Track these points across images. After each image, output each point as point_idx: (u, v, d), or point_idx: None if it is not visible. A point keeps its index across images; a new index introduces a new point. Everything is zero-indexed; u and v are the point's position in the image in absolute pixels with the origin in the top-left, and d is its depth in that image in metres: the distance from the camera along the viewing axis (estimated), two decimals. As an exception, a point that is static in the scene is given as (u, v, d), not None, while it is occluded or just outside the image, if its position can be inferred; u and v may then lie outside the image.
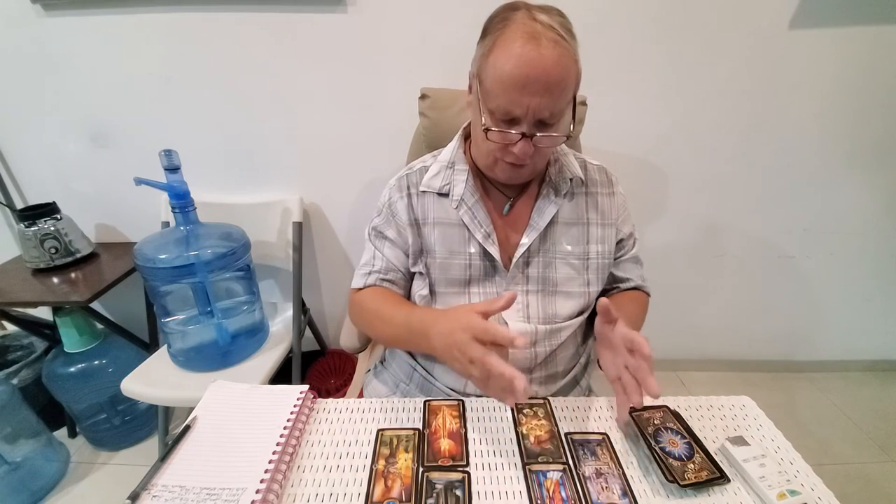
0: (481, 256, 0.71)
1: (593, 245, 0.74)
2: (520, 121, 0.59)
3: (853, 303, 1.55)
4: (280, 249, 1.35)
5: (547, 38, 0.55)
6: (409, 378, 0.78)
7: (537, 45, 0.55)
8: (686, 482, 0.50)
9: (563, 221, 0.73)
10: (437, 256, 0.72)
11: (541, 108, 0.57)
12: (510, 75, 0.56)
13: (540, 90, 0.56)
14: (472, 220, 0.70)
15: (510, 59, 0.56)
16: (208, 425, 0.58)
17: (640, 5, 1.12)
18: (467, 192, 0.71)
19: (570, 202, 0.73)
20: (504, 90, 0.58)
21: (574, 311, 0.73)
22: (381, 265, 0.74)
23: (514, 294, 0.55)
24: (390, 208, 0.74)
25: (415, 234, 0.72)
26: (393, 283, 0.74)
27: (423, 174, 0.74)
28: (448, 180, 0.72)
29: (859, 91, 1.21)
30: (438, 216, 0.72)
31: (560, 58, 0.56)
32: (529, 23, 0.57)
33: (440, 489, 0.50)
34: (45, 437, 1.26)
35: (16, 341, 1.43)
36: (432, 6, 1.11)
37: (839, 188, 1.35)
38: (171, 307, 1.09)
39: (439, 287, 0.72)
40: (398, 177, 0.77)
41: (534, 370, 0.72)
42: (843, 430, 1.45)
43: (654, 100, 1.23)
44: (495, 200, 0.74)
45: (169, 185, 0.98)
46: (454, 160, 0.74)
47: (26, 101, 1.25)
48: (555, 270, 0.72)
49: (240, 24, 1.15)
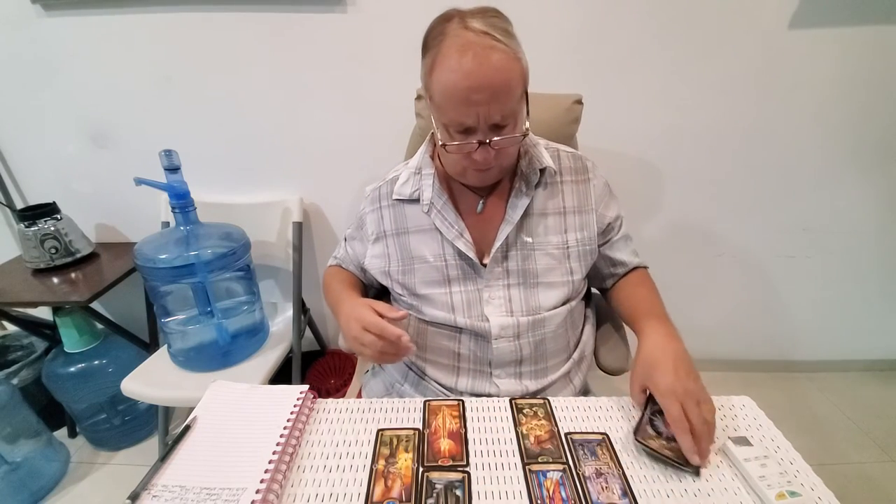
0: (457, 256, 0.72)
1: (572, 233, 0.74)
2: (474, 129, 0.60)
3: (853, 303, 1.55)
4: (280, 249, 1.35)
5: (482, 45, 0.56)
6: (403, 377, 0.79)
7: (474, 55, 0.56)
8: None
9: (537, 212, 0.73)
10: (415, 261, 0.73)
11: (491, 113, 0.58)
12: (454, 89, 0.57)
13: (486, 98, 0.57)
14: (444, 222, 0.71)
15: (451, 74, 0.57)
16: (208, 425, 0.58)
17: (639, 5, 1.12)
18: (435, 195, 0.72)
19: (543, 192, 0.73)
20: (452, 105, 0.59)
21: (558, 300, 0.73)
22: (342, 257, 0.87)
23: (405, 313, 0.64)
24: (361, 221, 0.81)
25: (383, 246, 0.76)
26: (349, 270, 0.87)
27: (395, 184, 0.76)
28: (417, 186, 0.74)
29: (859, 91, 1.21)
30: (413, 223, 0.74)
31: (499, 62, 0.56)
32: (463, 33, 0.57)
33: (440, 489, 0.50)
34: (45, 437, 1.26)
35: (16, 341, 1.43)
36: (432, 6, 1.10)
37: (839, 188, 1.35)
38: (171, 307, 1.09)
39: (421, 290, 0.73)
40: (373, 187, 0.80)
41: (522, 363, 0.72)
42: (843, 430, 1.45)
43: (654, 99, 1.23)
44: (468, 200, 0.74)
45: (169, 185, 0.98)
46: (421, 165, 0.75)
47: (26, 101, 1.25)
48: (534, 262, 0.72)
49: (239, 24, 1.15)
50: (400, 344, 0.60)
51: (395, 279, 0.75)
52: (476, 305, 0.72)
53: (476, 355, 0.72)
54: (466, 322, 0.70)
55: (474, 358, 0.72)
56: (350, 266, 0.86)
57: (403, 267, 0.74)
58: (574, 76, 1.20)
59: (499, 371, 0.72)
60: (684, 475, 0.53)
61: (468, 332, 0.71)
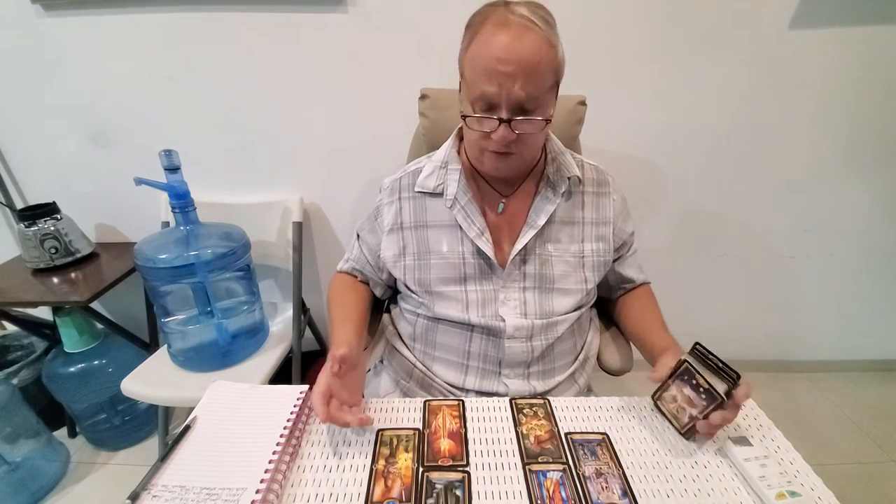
0: (475, 255, 0.71)
1: (588, 243, 0.74)
2: (498, 107, 0.60)
3: (853, 303, 1.55)
4: (280, 249, 1.35)
5: (519, 24, 0.57)
6: (409, 375, 0.79)
7: (508, 31, 0.57)
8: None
9: (559, 220, 0.73)
10: (431, 256, 0.73)
11: (516, 91, 0.58)
12: (485, 59, 0.58)
13: (512, 72, 0.57)
14: (466, 219, 0.71)
15: (484, 46, 0.59)
16: (208, 425, 0.58)
17: (640, 5, 1.12)
18: (460, 190, 0.72)
19: (566, 201, 0.74)
20: (480, 78, 0.59)
21: (571, 306, 0.74)
22: (356, 257, 0.84)
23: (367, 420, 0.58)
24: (377, 211, 0.79)
25: (399, 238, 0.75)
26: (362, 272, 0.84)
27: (417, 176, 0.75)
28: (441, 180, 0.73)
29: (859, 91, 1.21)
30: (433, 217, 0.73)
31: (532, 42, 0.57)
32: (505, 14, 0.59)
33: (440, 489, 0.50)
34: (45, 437, 1.26)
35: (16, 341, 1.43)
36: (432, 6, 1.12)
37: (839, 188, 1.35)
38: (171, 307, 1.09)
39: (436, 286, 0.72)
40: (393, 178, 0.78)
41: (531, 364, 0.72)
42: (843, 430, 1.45)
43: (655, 99, 1.23)
44: (490, 199, 0.74)
45: (169, 185, 0.98)
46: (447, 160, 0.75)
47: (26, 101, 1.25)
48: (551, 268, 0.72)
49: (239, 24, 1.15)
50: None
51: (410, 273, 0.74)
52: (491, 304, 0.71)
53: (486, 354, 0.72)
54: (480, 320, 0.70)
55: (484, 357, 0.72)
56: (365, 267, 0.83)
57: (419, 262, 0.74)
58: (576, 77, 1.19)
59: (508, 371, 0.72)
60: (684, 475, 0.53)
61: (480, 330, 0.71)
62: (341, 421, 0.56)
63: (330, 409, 0.56)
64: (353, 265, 0.84)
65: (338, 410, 0.56)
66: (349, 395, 0.59)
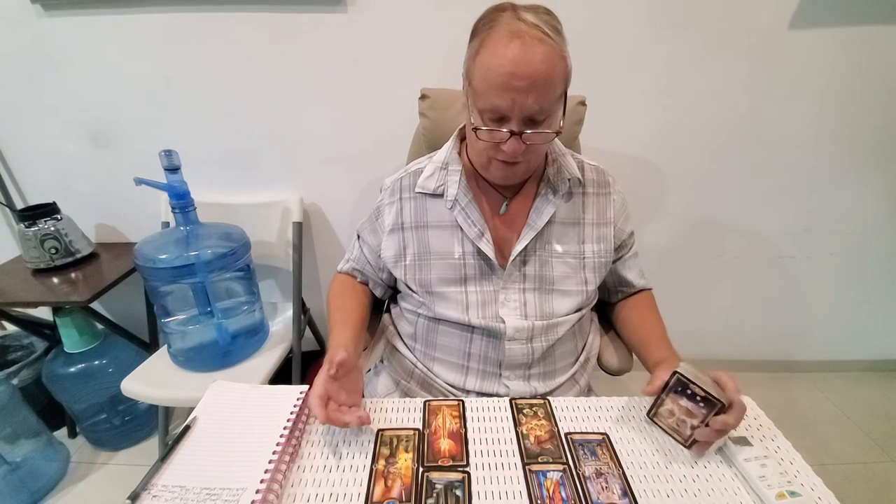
0: (475, 255, 0.71)
1: (589, 245, 0.74)
2: (509, 119, 0.60)
3: (853, 303, 1.55)
4: (280, 249, 1.35)
5: (531, 35, 0.56)
6: (409, 375, 0.79)
7: (521, 43, 0.56)
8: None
9: (559, 221, 0.73)
10: (431, 257, 0.73)
11: (528, 105, 0.58)
12: (496, 74, 0.57)
13: (526, 87, 0.57)
14: (466, 220, 0.71)
15: (495, 58, 0.57)
16: (208, 425, 0.58)
17: (640, 5, 1.12)
18: (461, 192, 0.72)
19: (566, 203, 0.74)
20: (491, 89, 0.58)
21: (571, 307, 0.73)
22: (356, 257, 0.84)
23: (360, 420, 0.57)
24: (378, 211, 0.79)
25: (399, 238, 0.74)
26: (362, 272, 0.84)
27: (418, 176, 0.75)
28: (442, 181, 0.73)
29: (859, 91, 1.21)
30: (434, 218, 0.73)
31: (545, 54, 0.57)
32: (515, 22, 0.58)
33: (440, 489, 0.50)
34: (45, 437, 1.26)
35: (16, 341, 1.43)
36: (432, 6, 1.11)
37: (839, 188, 1.35)
38: (171, 307, 1.09)
39: (436, 287, 0.72)
40: (393, 179, 0.78)
41: (532, 366, 0.72)
42: (843, 430, 1.45)
43: (654, 99, 1.23)
44: (491, 200, 0.74)
45: (169, 185, 0.98)
46: (448, 161, 0.75)
47: (26, 100, 1.25)
48: (551, 269, 0.72)
49: (239, 24, 1.15)
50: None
51: (410, 273, 0.74)
52: (491, 305, 0.71)
53: (487, 355, 0.72)
54: (480, 321, 0.70)
55: (485, 358, 0.72)
56: (365, 268, 0.83)
57: (420, 262, 0.74)
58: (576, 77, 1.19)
59: (508, 373, 0.72)
60: (684, 475, 0.53)
61: (481, 331, 0.71)
62: (340, 421, 0.56)
63: (328, 410, 0.56)
64: (354, 265, 0.84)
65: (336, 412, 0.57)
66: (347, 396, 0.60)
